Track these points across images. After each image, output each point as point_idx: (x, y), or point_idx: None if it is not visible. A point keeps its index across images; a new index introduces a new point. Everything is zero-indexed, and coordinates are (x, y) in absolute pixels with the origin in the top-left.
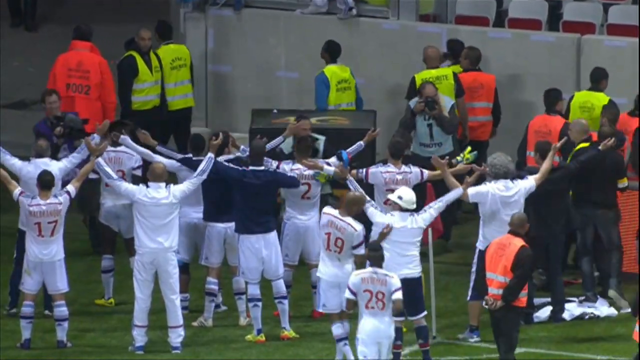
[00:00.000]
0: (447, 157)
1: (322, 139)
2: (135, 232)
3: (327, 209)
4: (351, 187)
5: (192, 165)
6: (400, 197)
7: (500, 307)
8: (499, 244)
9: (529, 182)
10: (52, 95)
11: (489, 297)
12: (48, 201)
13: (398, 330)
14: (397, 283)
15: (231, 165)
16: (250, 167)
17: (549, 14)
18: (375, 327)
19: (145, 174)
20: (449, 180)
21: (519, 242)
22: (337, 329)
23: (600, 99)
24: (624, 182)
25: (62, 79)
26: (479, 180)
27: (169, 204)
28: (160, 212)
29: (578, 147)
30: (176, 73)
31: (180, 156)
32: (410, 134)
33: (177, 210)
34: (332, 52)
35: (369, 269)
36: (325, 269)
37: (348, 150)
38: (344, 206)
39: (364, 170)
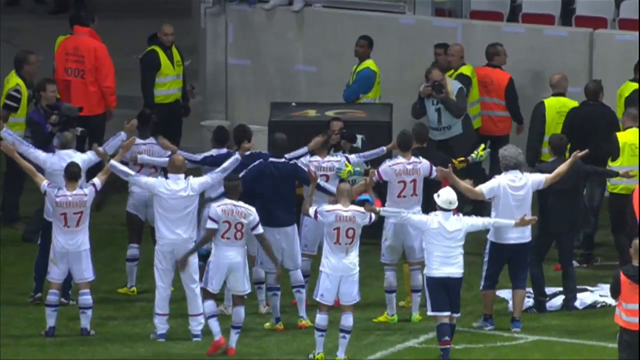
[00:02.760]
0: (465, 158)
1: (359, 138)
2: (155, 224)
3: (328, 207)
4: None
5: (215, 163)
6: (449, 203)
7: None
8: None
9: (539, 177)
10: (52, 84)
11: None
12: (74, 192)
13: (451, 327)
14: (257, 217)
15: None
16: (271, 159)
17: (562, 9)
18: (226, 257)
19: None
20: (460, 186)
21: None
22: (323, 320)
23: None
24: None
25: (61, 62)
26: (489, 176)
27: (187, 197)
28: (179, 204)
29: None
30: None
31: (200, 157)
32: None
33: (196, 201)
34: (372, 46)
35: (228, 201)
36: (329, 263)
37: (367, 154)
38: (342, 198)
39: (376, 172)
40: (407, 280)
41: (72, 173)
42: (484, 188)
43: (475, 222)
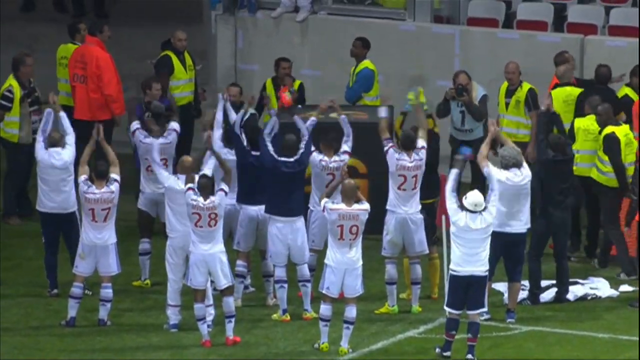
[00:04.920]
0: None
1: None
2: (166, 217)
3: (331, 205)
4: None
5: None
6: (475, 205)
7: None
8: None
9: (527, 166)
10: (157, 83)
11: None
12: (102, 190)
13: (475, 325)
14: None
15: (269, 149)
16: (282, 159)
17: (555, 15)
18: (201, 250)
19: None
20: (486, 147)
21: None
22: (327, 311)
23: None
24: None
25: (71, 69)
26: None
27: None
28: None
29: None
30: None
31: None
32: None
33: None
34: (367, 47)
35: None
36: (334, 257)
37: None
38: (346, 197)
39: (389, 145)
40: (407, 273)
41: (100, 172)
42: (491, 166)
43: (494, 209)
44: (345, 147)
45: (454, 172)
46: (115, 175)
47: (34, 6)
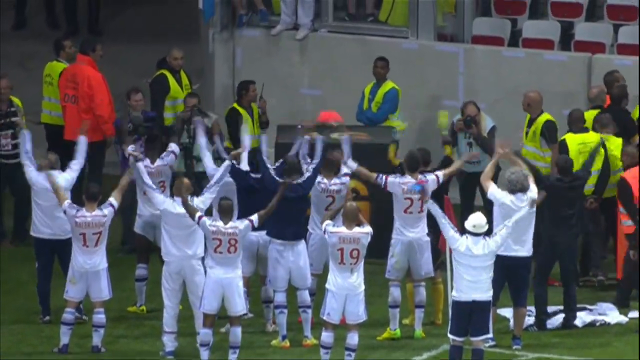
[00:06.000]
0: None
1: (213, 117)
2: (162, 240)
3: (332, 228)
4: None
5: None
6: (474, 226)
7: None
8: None
9: (533, 189)
10: (137, 94)
11: None
12: (93, 213)
13: (479, 351)
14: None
15: (270, 170)
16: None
17: (561, 33)
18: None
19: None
20: (492, 166)
21: None
22: (329, 338)
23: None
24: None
25: (61, 88)
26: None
27: None
28: (184, 223)
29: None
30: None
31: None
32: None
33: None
34: (389, 67)
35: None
36: (335, 281)
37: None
38: (347, 220)
39: (384, 177)
40: (410, 298)
41: (92, 194)
42: (492, 187)
43: (500, 239)
44: (346, 169)
45: (430, 204)
46: (113, 200)
47: (25, 23)
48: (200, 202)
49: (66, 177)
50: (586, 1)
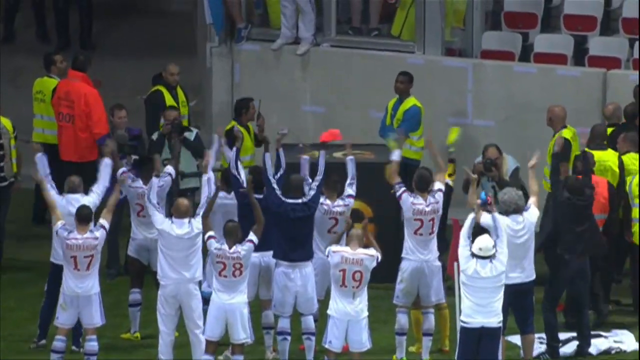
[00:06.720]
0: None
1: (194, 131)
2: (158, 263)
3: (335, 247)
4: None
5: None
6: (480, 249)
7: None
8: None
9: (534, 212)
10: (120, 110)
11: None
12: (85, 235)
13: None
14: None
15: (276, 190)
16: (289, 201)
17: (575, 48)
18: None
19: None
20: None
21: None
22: None
23: None
24: None
25: (56, 107)
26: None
27: (191, 237)
28: (183, 245)
29: None
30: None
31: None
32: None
33: (199, 239)
34: (412, 82)
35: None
36: (336, 307)
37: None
38: (352, 242)
39: (402, 190)
40: (416, 325)
41: (83, 216)
42: (484, 217)
43: (504, 257)
44: (350, 190)
45: (470, 218)
46: (104, 221)
47: (14, 37)
48: (198, 222)
49: (89, 201)
50: (601, 14)
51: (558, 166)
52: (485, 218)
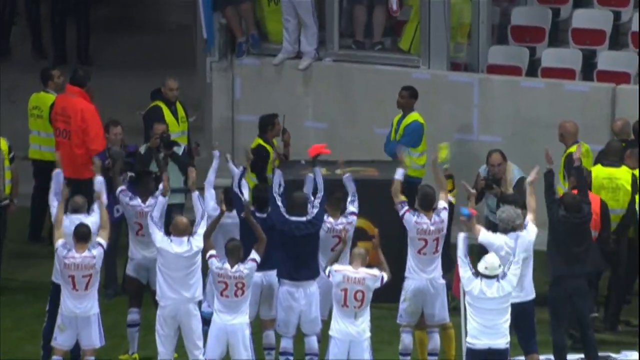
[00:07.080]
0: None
1: (182, 146)
2: (157, 283)
3: (337, 266)
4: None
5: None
6: (486, 268)
7: None
8: None
9: (532, 230)
10: (115, 127)
11: None
12: (83, 254)
13: None
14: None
15: (280, 208)
16: (292, 219)
17: (583, 63)
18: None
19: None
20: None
21: None
22: None
23: None
24: None
25: (53, 123)
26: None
27: (190, 256)
28: (182, 264)
29: None
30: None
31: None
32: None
33: (198, 257)
34: (415, 97)
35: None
36: (338, 327)
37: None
38: (354, 261)
39: (405, 209)
40: (419, 346)
41: (81, 234)
42: (482, 233)
43: (514, 278)
44: (352, 207)
45: (461, 237)
46: (101, 239)
47: (9, 51)
48: (197, 240)
49: (92, 221)
50: (609, 28)
51: (553, 184)
52: (487, 236)
